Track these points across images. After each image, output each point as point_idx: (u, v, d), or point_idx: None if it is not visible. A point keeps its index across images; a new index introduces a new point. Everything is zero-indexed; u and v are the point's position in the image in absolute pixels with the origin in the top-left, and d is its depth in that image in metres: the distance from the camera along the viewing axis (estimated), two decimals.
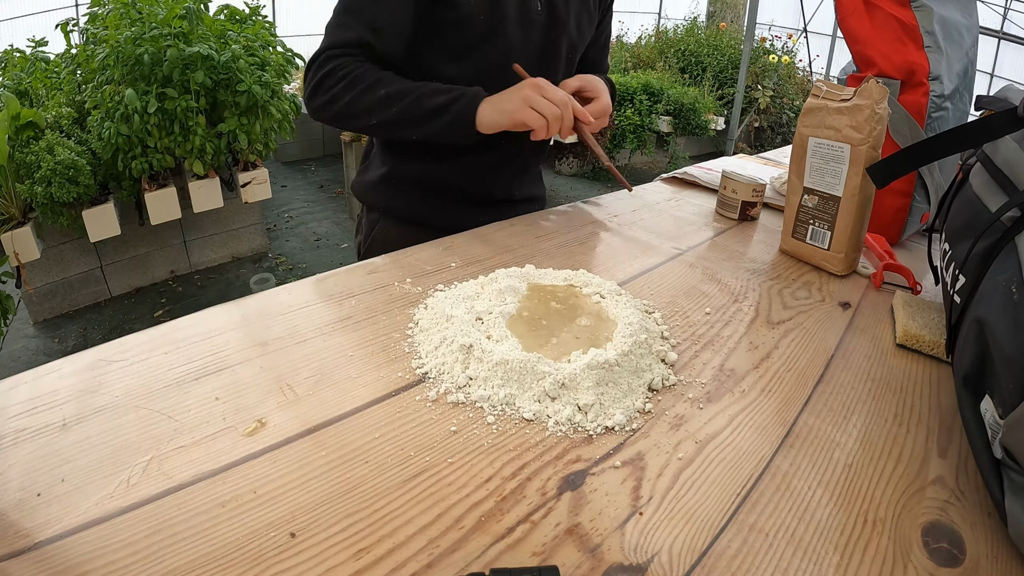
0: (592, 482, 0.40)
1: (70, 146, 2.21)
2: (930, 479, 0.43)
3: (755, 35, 5.25)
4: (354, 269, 0.68)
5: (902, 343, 0.61)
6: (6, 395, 0.44)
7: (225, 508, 0.36)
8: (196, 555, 0.33)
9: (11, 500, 0.35)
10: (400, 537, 0.35)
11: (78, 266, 2.61)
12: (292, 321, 0.56)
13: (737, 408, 0.49)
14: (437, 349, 0.51)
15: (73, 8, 4.29)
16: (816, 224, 0.76)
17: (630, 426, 0.46)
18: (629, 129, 4.75)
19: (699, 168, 1.20)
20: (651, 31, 6.81)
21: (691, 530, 0.37)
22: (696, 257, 0.79)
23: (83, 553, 0.32)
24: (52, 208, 2.20)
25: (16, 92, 2.39)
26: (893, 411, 0.51)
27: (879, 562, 0.36)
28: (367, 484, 0.38)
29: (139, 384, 0.46)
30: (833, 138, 0.72)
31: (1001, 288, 0.42)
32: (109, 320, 2.57)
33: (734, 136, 5.22)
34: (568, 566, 0.34)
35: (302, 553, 0.33)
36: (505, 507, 0.38)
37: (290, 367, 0.49)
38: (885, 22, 0.83)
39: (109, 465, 0.38)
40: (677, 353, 0.55)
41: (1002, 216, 0.46)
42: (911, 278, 0.74)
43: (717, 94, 5.58)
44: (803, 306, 0.68)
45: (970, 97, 0.88)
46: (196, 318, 0.56)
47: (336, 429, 0.43)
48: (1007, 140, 0.52)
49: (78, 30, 2.61)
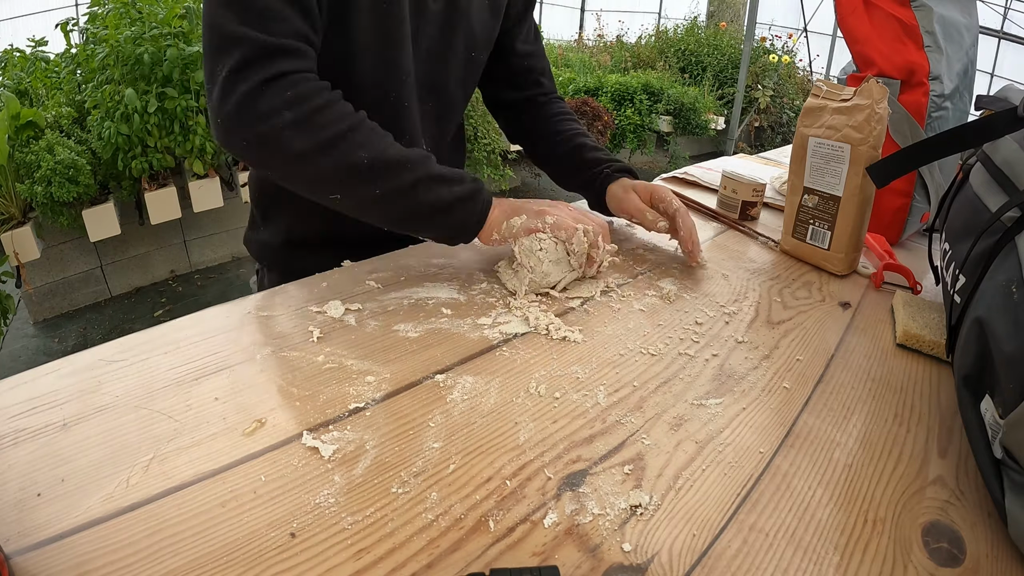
0: (592, 482, 0.40)
1: (70, 146, 2.21)
2: (930, 479, 0.43)
3: (755, 35, 5.25)
4: (353, 269, 0.68)
5: (902, 343, 0.61)
6: (6, 395, 0.44)
7: (225, 508, 0.36)
8: (196, 555, 0.33)
9: (11, 500, 0.35)
10: (400, 537, 0.35)
11: (78, 266, 2.61)
12: (292, 320, 0.56)
13: (737, 408, 0.49)
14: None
15: (73, 8, 4.30)
16: (816, 224, 0.76)
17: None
18: (629, 129, 4.75)
19: (699, 168, 1.20)
20: (651, 31, 6.81)
21: (691, 530, 0.37)
22: None
23: (83, 553, 0.32)
24: (52, 208, 2.20)
25: (16, 92, 2.39)
26: (893, 411, 0.51)
27: (879, 562, 0.36)
28: (367, 484, 0.38)
29: (139, 384, 0.46)
30: (833, 138, 0.72)
31: (1001, 288, 0.42)
32: (109, 320, 2.57)
33: (734, 136, 5.22)
34: (568, 566, 0.34)
35: (302, 553, 0.33)
36: (505, 507, 0.38)
37: (290, 367, 0.49)
38: (885, 22, 0.83)
39: (109, 465, 0.38)
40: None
41: (1002, 216, 0.46)
42: (911, 278, 0.74)
43: (717, 94, 5.58)
44: (803, 306, 0.68)
45: (970, 97, 0.88)
46: (196, 318, 0.56)
47: (336, 429, 0.43)
48: (1007, 140, 0.52)
49: (78, 30, 2.61)
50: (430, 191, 0.60)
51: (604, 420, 0.46)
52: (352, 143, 0.57)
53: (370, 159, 0.57)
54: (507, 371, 0.51)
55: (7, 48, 2.78)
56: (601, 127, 4.48)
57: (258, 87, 0.54)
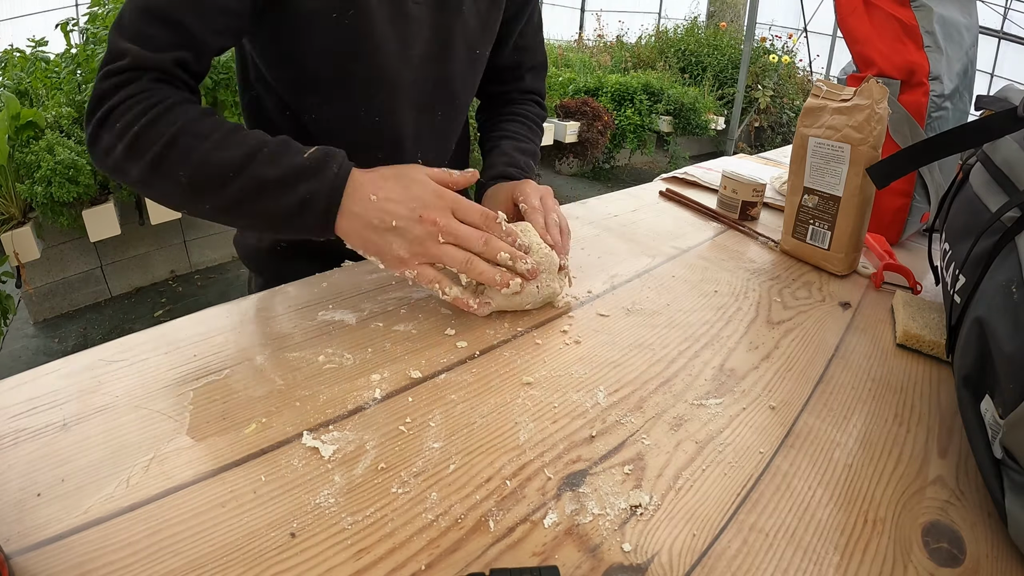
0: (592, 482, 0.40)
1: (70, 146, 2.21)
2: (930, 479, 0.43)
3: (755, 35, 5.26)
4: (353, 269, 0.68)
5: (902, 343, 0.61)
6: (6, 395, 0.44)
7: (225, 508, 0.36)
8: (196, 555, 0.33)
9: (11, 500, 0.35)
10: (400, 537, 0.35)
11: (78, 266, 2.61)
12: (292, 320, 0.56)
13: (737, 408, 0.49)
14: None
15: (73, 8, 4.30)
16: (816, 224, 0.76)
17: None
18: (629, 129, 4.75)
19: (699, 168, 1.20)
20: (651, 31, 6.82)
21: (691, 530, 0.37)
22: (696, 257, 0.79)
23: (83, 553, 0.32)
24: (52, 208, 2.20)
25: (16, 92, 2.39)
26: (893, 411, 0.51)
27: (879, 562, 0.36)
28: (367, 484, 0.38)
29: (139, 384, 0.46)
30: (833, 138, 0.72)
31: (1001, 288, 0.42)
32: (109, 320, 2.57)
33: (734, 136, 5.22)
34: (568, 566, 0.34)
35: (302, 553, 0.33)
36: (505, 507, 0.38)
37: (290, 367, 0.49)
38: (885, 22, 0.83)
39: (109, 465, 0.38)
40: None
41: (1002, 216, 0.46)
42: (911, 278, 0.74)
43: (717, 94, 5.58)
44: (803, 306, 0.68)
45: (970, 97, 0.88)
46: (196, 318, 0.56)
47: (336, 429, 0.43)
48: (1007, 140, 0.52)
49: (78, 30, 2.61)
50: (259, 200, 0.53)
51: (604, 420, 0.46)
52: (171, 161, 0.52)
53: (188, 176, 0.52)
54: (508, 371, 0.51)
55: (7, 48, 2.78)
56: (601, 127, 4.48)
57: (97, 124, 0.54)
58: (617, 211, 0.95)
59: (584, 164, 4.88)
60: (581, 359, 0.54)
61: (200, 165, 0.53)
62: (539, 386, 0.49)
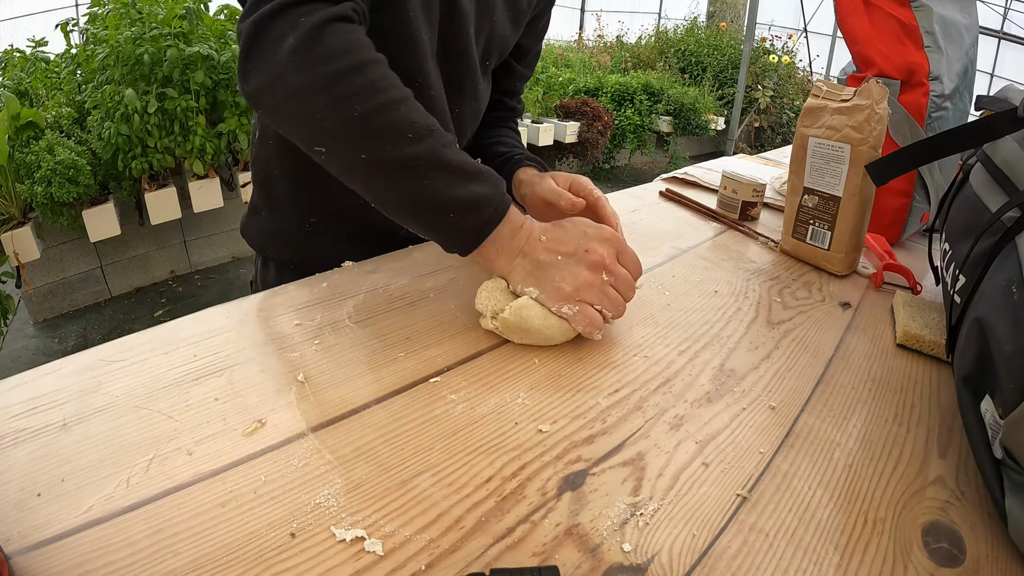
0: (592, 482, 0.40)
1: (70, 146, 2.22)
2: (930, 479, 0.43)
3: (755, 35, 5.26)
4: (354, 269, 0.68)
5: (902, 343, 0.61)
6: (6, 395, 0.44)
7: (225, 508, 0.36)
8: (196, 555, 0.33)
9: (11, 500, 0.35)
10: (400, 537, 0.35)
11: (78, 266, 2.61)
12: (292, 321, 0.56)
13: (737, 408, 0.49)
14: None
15: (73, 8, 4.30)
16: (816, 224, 0.76)
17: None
18: (629, 129, 4.76)
19: (699, 168, 1.20)
20: (651, 31, 6.82)
21: (691, 530, 0.37)
22: (696, 257, 0.79)
23: (83, 553, 0.32)
24: (52, 208, 2.20)
25: (16, 92, 2.39)
26: (893, 411, 0.51)
27: (879, 562, 0.36)
28: (367, 484, 0.38)
29: (139, 384, 0.46)
30: (833, 138, 0.72)
31: (1001, 288, 0.42)
32: (109, 320, 2.57)
33: (734, 136, 5.22)
34: (568, 566, 0.34)
35: (302, 553, 0.33)
36: (505, 507, 0.38)
37: (290, 367, 0.49)
38: (885, 22, 0.83)
39: (109, 465, 0.38)
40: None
41: (1002, 216, 0.46)
42: (911, 278, 0.74)
43: (717, 94, 5.58)
44: (803, 306, 0.68)
45: (970, 97, 0.88)
46: (196, 318, 0.56)
47: (336, 429, 0.43)
48: (1007, 140, 0.52)
49: (78, 30, 2.61)
50: (427, 177, 0.47)
51: (604, 420, 0.46)
52: (352, 86, 0.45)
53: (363, 113, 0.45)
54: (508, 371, 0.51)
55: (7, 48, 2.78)
56: (601, 127, 4.48)
57: (268, 16, 0.46)
58: (617, 211, 0.94)
59: (584, 164, 4.88)
60: (581, 359, 0.54)
61: (381, 109, 0.46)
62: (539, 386, 0.49)
